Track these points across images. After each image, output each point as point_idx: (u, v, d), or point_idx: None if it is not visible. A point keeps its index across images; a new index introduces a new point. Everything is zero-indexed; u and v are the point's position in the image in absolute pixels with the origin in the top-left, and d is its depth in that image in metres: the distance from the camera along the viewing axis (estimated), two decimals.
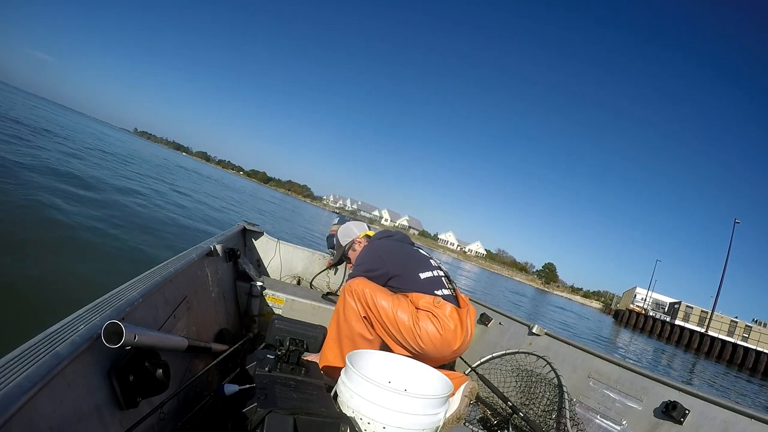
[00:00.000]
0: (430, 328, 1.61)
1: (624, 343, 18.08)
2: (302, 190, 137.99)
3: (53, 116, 29.88)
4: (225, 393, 1.12)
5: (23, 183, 5.71)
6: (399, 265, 1.78)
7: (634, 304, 41.24)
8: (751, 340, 27.95)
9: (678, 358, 17.92)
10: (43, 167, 7.34)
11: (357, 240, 2.06)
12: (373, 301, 1.65)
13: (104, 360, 0.82)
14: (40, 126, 15.83)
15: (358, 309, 1.67)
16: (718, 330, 28.94)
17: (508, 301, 20.18)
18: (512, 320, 2.28)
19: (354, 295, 1.69)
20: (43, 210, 4.87)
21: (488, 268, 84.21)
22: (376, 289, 1.68)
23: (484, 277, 39.84)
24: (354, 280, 1.72)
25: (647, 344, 20.32)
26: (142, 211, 7.19)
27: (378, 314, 1.64)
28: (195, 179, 24.13)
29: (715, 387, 11.05)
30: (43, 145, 10.56)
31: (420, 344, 1.60)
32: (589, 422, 1.65)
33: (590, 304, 66.39)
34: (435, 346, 1.61)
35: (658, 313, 37.20)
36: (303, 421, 1.00)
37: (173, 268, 1.33)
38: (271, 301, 2.31)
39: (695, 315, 35.17)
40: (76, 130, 25.09)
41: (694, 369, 15.03)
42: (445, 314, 1.62)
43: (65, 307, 0.90)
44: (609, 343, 15.72)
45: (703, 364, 17.96)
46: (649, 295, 42.67)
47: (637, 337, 23.74)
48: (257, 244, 2.89)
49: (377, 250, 1.86)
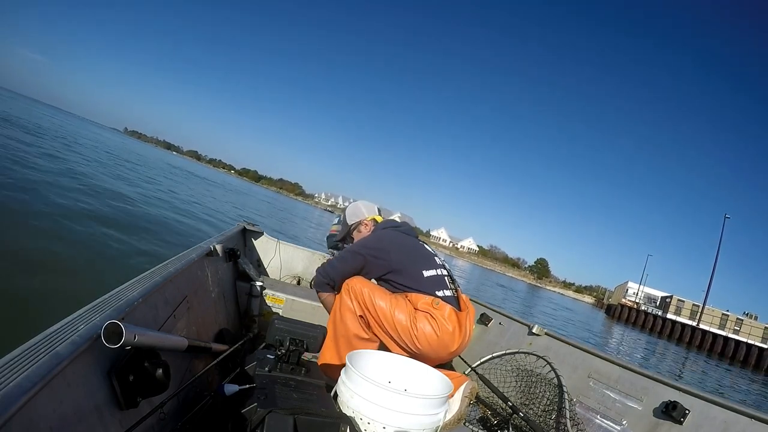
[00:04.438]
0: (428, 329, 1.60)
1: (616, 337, 18.13)
2: (294, 188, 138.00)
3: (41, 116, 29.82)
4: (225, 393, 1.12)
5: (23, 181, 5.72)
6: (403, 260, 1.73)
7: (626, 298, 41.31)
8: (742, 333, 28.15)
9: (670, 351, 17.98)
10: (41, 165, 7.34)
11: (364, 222, 1.98)
12: (371, 300, 1.64)
13: (104, 360, 0.81)
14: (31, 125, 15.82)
15: (354, 308, 1.66)
16: (709, 323, 29.07)
17: (494, 296, 20.00)
18: (512, 320, 2.28)
19: (351, 294, 1.67)
20: (43, 209, 4.87)
21: (480, 264, 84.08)
22: (375, 289, 1.67)
23: (476, 274, 39.77)
24: (352, 279, 1.70)
25: (639, 338, 20.39)
26: (142, 210, 7.19)
27: (375, 314, 1.63)
28: (194, 181, 24.12)
29: (707, 378, 11.08)
30: (40, 146, 10.56)
31: (417, 345, 1.60)
32: (589, 422, 1.65)
33: (583, 299, 66.59)
34: (432, 348, 1.61)
35: (650, 307, 37.31)
36: (303, 421, 1.00)
37: (173, 268, 1.33)
38: (271, 301, 2.31)
39: (687, 309, 35.38)
40: (67, 129, 25.06)
41: (685, 362, 15.09)
42: (444, 316, 1.62)
43: (65, 307, 0.90)
44: (601, 337, 15.73)
45: (694, 357, 18.06)
46: (641, 290, 42.74)
47: (629, 331, 23.81)
48: (257, 244, 2.89)
49: (384, 239, 1.80)
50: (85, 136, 26.25)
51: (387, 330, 1.63)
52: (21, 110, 25.70)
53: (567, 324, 16.07)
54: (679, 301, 36.89)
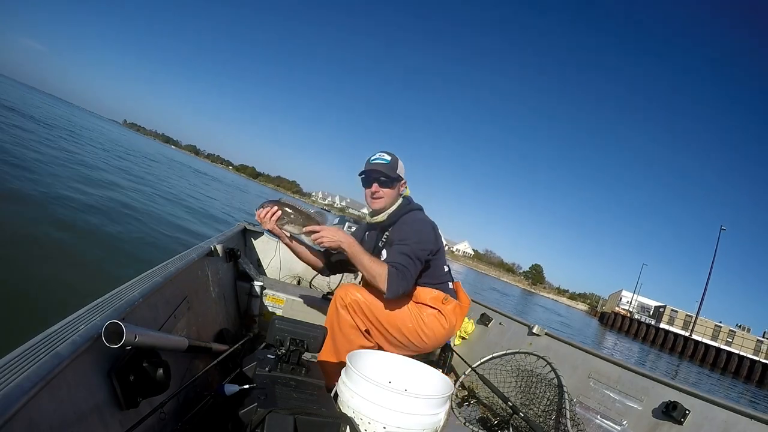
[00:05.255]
0: (437, 326, 1.61)
1: (609, 345, 18.15)
2: (291, 185, 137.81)
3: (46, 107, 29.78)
4: (225, 393, 1.12)
5: (21, 181, 5.71)
6: (439, 257, 1.67)
7: (619, 306, 41.58)
8: (734, 345, 28.48)
9: (662, 360, 18.06)
10: (39, 163, 7.33)
11: (404, 182, 1.78)
12: (370, 311, 1.56)
13: (105, 360, 0.82)
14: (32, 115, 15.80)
15: (357, 324, 1.57)
16: (702, 334, 29.32)
17: (489, 299, 19.97)
18: (512, 320, 2.28)
19: (349, 309, 1.56)
20: (42, 210, 4.86)
21: (475, 268, 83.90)
22: (368, 296, 1.58)
23: (471, 277, 39.72)
24: (348, 292, 1.57)
25: (632, 346, 20.45)
26: (141, 211, 7.19)
27: (379, 323, 1.58)
28: (198, 178, 24.11)
29: (699, 386, 11.09)
30: (41, 137, 10.56)
31: (424, 342, 1.61)
32: (589, 422, 1.65)
33: (576, 306, 66.53)
34: (437, 342, 1.63)
35: (644, 316, 37.50)
36: (303, 421, 1.00)
37: (173, 268, 1.33)
38: (271, 301, 2.31)
39: (680, 319, 35.63)
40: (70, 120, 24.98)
41: (678, 371, 15.15)
42: (451, 311, 1.64)
43: (65, 307, 0.90)
44: (594, 345, 15.74)
45: (687, 366, 18.14)
46: (634, 299, 43.14)
47: (622, 339, 23.89)
48: (257, 244, 2.89)
49: (438, 238, 1.67)
50: (89, 128, 26.21)
51: (392, 335, 1.60)
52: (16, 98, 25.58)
53: (560, 332, 16.11)
54: (673, 311, 37.17)
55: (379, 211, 1.72)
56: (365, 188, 1.72)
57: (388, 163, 1.68)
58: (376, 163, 1.68)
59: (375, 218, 1.75)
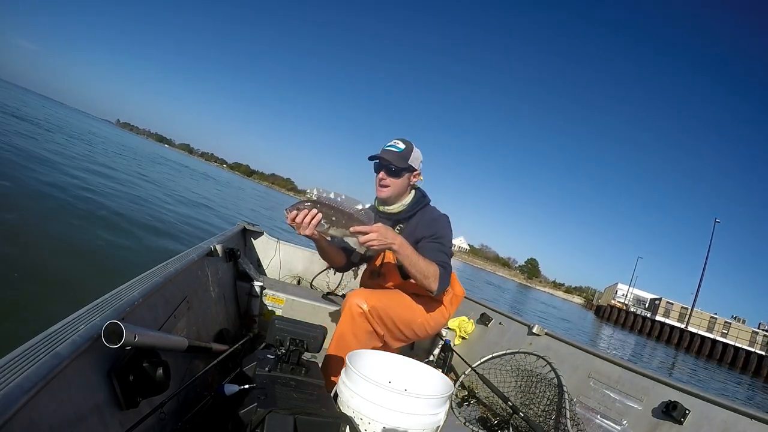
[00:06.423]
0: (439, 318, 1.69)
1: (605, 337, 18.20)
2: (285, 183, 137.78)
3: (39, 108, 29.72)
4: (225, 393, 1.12)
5: (20, 180, 5.71)
6: None
7: (615, 299, 41.61)
8: (729, 336, 28.77)
9: (659, 352, 18.11)
10: (38, 160, 7.33)
11: (419, 172, 1.73)
12: (387, 314, 1.54)
13: (104, 360, 0.82)
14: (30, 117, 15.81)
15: (375, 329, 1.54)
16: (697, 326, 29.47)
17: (485, 294, 19.96)
18: (512, 320, 2.28)
19: (368, 317, 1.50)
20: (42, 209, 4.86)
21: (471, 263, 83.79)
22: (388, 302, 1.56)
23: (467, 272, 39.71)
24: (356, 295, 1.54)
25: (628, 339, 20.50)
26: (141, 210, 7.19)
27: (393, 324, 1.56)
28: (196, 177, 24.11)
29: (695, 378, 11.12)
30: (39, 138, 10.56)
31: (427, 333, 1.65)
32: (589, 422, 1.65)
33: (572, 300, 66.80)
34: (436, 332, 1.69)
35: (639, 308, 37.59)
36: (303, 421, 1.00)
37: (173, 268, 1.33)
38: (271, 301, 2.31)
39: (675, 311, 35.87)
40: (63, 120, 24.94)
41: (674, 363, 15.21)
42: (449, 300, 1.71)
43: (65, 307, 0.90)
44: (590, 338, 15.82)
45: (683, 358, 18.24)
46: (630, 291, 43.13)
47: (618, 332, 23.95)
48: (257, 244, 2.89)
49: (449, 219, 1.71)
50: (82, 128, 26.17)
51: (402, 332, 1.61)
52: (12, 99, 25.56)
53: (556, 327, 16.14)
54: (668, 304, 37.39)
55: (386, 200, 1.70)
56: (375, 173, 1.71)
57: (401, 151, 1.65)
58: (387, 151, 1.66)
59: (388, 208, 1.71)
